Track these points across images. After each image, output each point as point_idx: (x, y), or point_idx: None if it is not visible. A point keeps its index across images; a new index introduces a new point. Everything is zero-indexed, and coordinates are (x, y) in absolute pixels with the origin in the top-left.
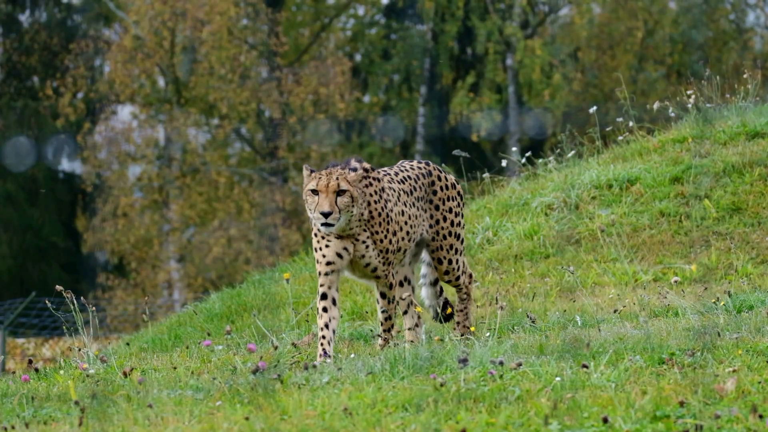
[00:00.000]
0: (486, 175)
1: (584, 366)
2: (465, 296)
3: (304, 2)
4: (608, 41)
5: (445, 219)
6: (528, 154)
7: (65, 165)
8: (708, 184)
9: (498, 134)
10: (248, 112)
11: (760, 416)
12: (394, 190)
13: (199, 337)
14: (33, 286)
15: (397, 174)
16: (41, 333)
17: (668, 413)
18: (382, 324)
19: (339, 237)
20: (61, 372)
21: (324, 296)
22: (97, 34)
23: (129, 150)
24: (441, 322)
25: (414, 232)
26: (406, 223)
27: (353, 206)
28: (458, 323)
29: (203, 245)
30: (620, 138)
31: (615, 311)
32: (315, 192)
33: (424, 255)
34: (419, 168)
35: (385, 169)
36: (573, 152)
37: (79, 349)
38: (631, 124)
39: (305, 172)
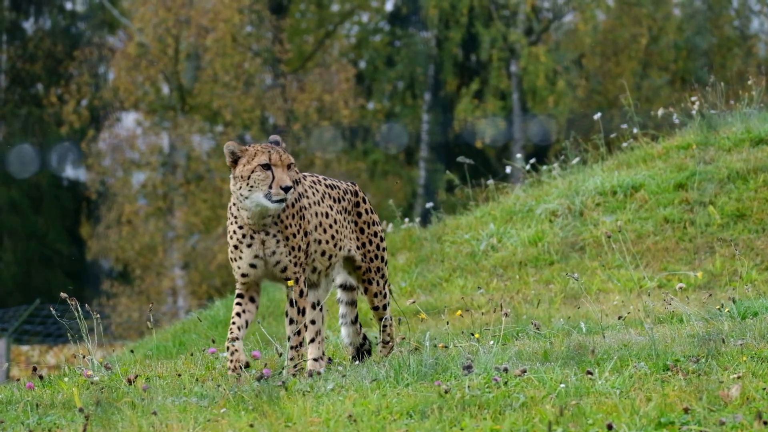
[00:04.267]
0: (490, 181)
1: (589, 373)
2: (388, 338)
3: (309, 9)
4: (612, 48)
5: (371, 242)
6: (532, 160)
7: (69, 172)
8: (712, 190)
9: (502, 141)
10: (252, 119)
11: (765, 423)
12: (317, 191)
13: (203, 344)
14: (37, 294)
15: (325, 179)
16: (46, 340)
17: (673, 420)
18: (289, 339)
19: (250, 245)
20: (66, 379)
21: (240, 296)
22: (101, 42)
23: (133, 157)
24: (360, 359)
25: (341, 240)
26: (330, 226)
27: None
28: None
29: (207, 252)
30: (624, 144)
31: (619, 318)
32: (267, 167)
33: (341, 295)
34: (345, 185)
35: (313, 174)
36: (577, 159)
37: (84, 357)
38: (635, 130)
39: (236, 148)
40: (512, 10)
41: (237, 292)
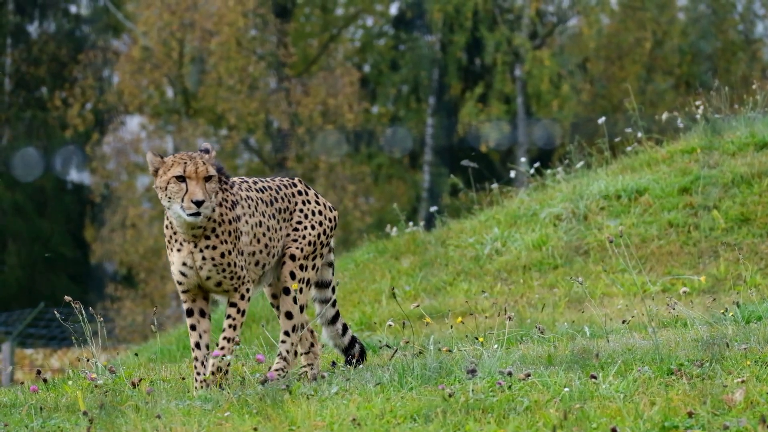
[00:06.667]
0: (494, 185)
1: (593, 377)
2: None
3: (313, 13)
4: (617, 52)
5: (313, 228)
6: (536, 164)
7: (74, 175)
8: (717, 194)
9: (506, 145)
10: (257, 122)
11: None
12: (252, 199)
13: None
14: (41, 297)
15: (255, 183)
16: (50, 344)
17: (677, 424)
18: (224, 330)
19: (179, 250)
20: (70, 383)
21: (189, 312)
22: (106, 45)
23: (137, 160)
24: (350, 363)
25: (274, 246)
26: (264, 234)
27: (216, 192)
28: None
29: None
30: (629, 148)
31: (623, 322)
32: (181, 179)
33: (314, 293)
34: (281, 181)
35: (243, 177)
36: (581, 163)
37: (88, 360)
38: (639, 134)
39: (154, 158)
40: (517, 14)
41: (185, 307)
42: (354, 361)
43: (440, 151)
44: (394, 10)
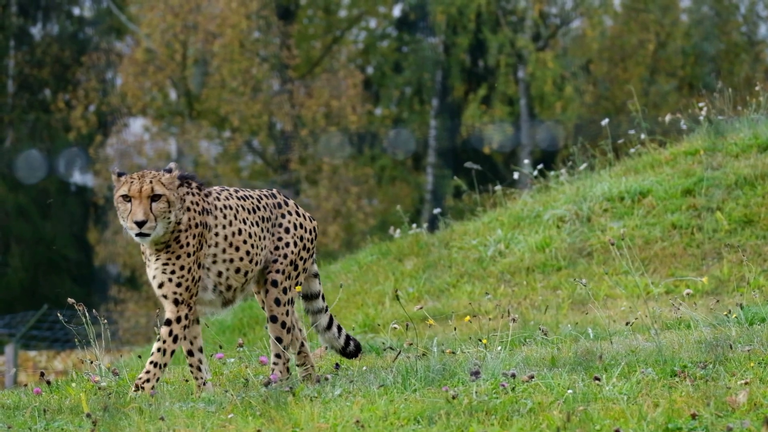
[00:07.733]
0: (498, 187)
1: (596, 378)
2: (278, 361)
3: (316, 15)
4: (620, 54)
5: (295, 244)
6: (540, 166)
7: (77, 178)
8: (720, 196)
9: (510, 147)
10: (260, 124)
11: None
12: (231, 207)
13: (211, 350)
14: (45, 299)
15: (237, 191)
16: (53, 346)
17: (680, 426)
18: (152, 354)
19: (148, 265)
20: (73, 385)
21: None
22: (109, 47)
23: (141, 163)
24: (349, 357)
25: (257, 254)
26: (245, 242)
27: (170, 212)
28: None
29: None
30: (632, 150)
31: (627, 324)
32: (127, 198)
33: (305, 305)
34: (261, 191)
35: (224, 187)
36: (585, 165)
37: (91, 362)
38: (642, 136)
39: (113, 176)
40: (520, 15)
41: None
42: (352, 355)
43: (443, 152)
44: (397, 12)
